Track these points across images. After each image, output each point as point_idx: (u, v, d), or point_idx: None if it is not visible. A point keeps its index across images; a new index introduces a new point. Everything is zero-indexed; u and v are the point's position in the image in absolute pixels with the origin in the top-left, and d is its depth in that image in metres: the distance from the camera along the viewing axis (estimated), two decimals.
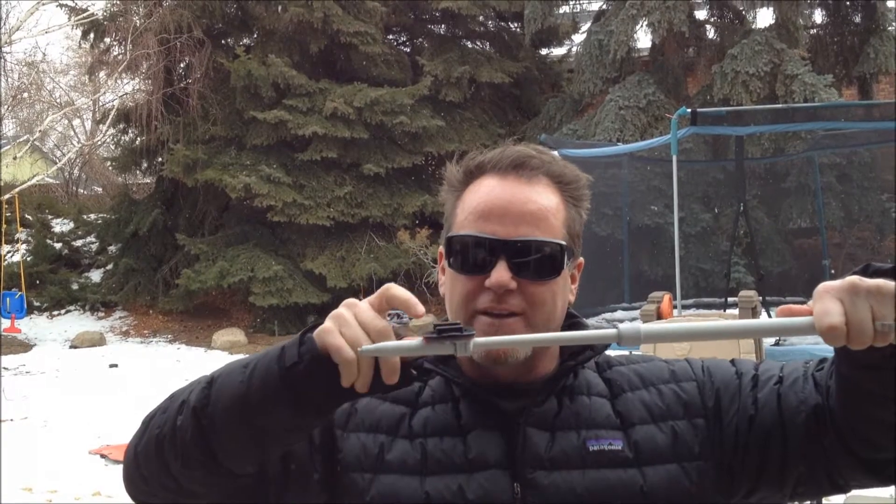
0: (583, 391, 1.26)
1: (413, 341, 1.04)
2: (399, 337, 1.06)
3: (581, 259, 1.31)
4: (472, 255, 1.22)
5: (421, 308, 1.03)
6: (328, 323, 1.05)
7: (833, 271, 11.48)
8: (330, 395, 1.07)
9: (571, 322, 1.33)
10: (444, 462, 1.21)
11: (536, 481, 1.19)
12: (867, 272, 1.00)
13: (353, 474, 1.23)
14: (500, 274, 1.18)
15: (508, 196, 1.23)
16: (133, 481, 1.19)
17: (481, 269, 1.20)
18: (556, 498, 1.18)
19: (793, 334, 1.04)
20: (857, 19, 14.56)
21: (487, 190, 1.25)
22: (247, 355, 1.19)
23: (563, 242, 1.23)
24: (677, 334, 1.04)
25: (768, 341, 7.63)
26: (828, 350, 1.07)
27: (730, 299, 9.53)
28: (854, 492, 3.21)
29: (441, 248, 1.32)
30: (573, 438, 1.21)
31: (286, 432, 1.12)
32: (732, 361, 1.29)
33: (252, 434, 1.10)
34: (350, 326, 1.03)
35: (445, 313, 1.30)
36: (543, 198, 1.24)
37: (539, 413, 1.23)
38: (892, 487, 3.03)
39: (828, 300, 0.95)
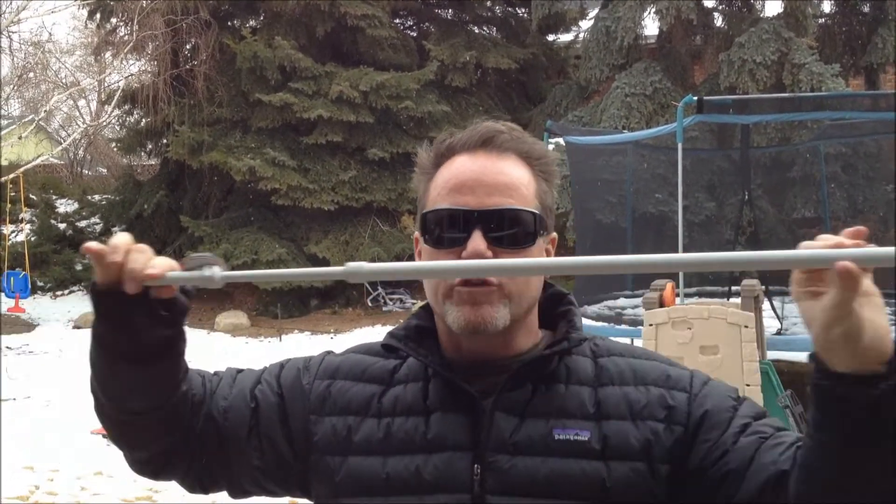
0: (561, 379, 1.25)
1: (173, 272, 1.16)
2: None
3: (554, 234, 1.32)
4: (446, 228, 1.22)
5: (154, 271, 1.15)
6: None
7: None
8: (109, 331, 1.21)
9: (566, 309, 1.33)
10: (406, 442, 1.22)
11: (497, 465, 1.19)
12: None
13: (326, 458, 1.26)
14: (476, 243, 1.18)
15: (479, 169, 1.24)
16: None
17: (457, 241, 1.21)
18: (516, 482, 1.18)
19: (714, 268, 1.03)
20: (866, 9, 14.49)
21: (458, 165, 1.26)
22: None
23: (536, 211, 1.24)
24: (400, 271, 1.09)
25: (770, 330, 7.63)
26: None
27: (733, 288, 9.52)
28: None
29: (416, 234, 1.33)
30: (541, 426, 1.21)
31: (111, 373, 1.25)
32: (738, 398, 1.26)
33: (94, 371, 1.27)
34: (116, 237, 1.21)
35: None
36: (514, 170, 1.25)
37: (511, 398, 1.23)
38: None
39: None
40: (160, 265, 1.14)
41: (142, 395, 1.25)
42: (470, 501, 1.18)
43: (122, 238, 1.19)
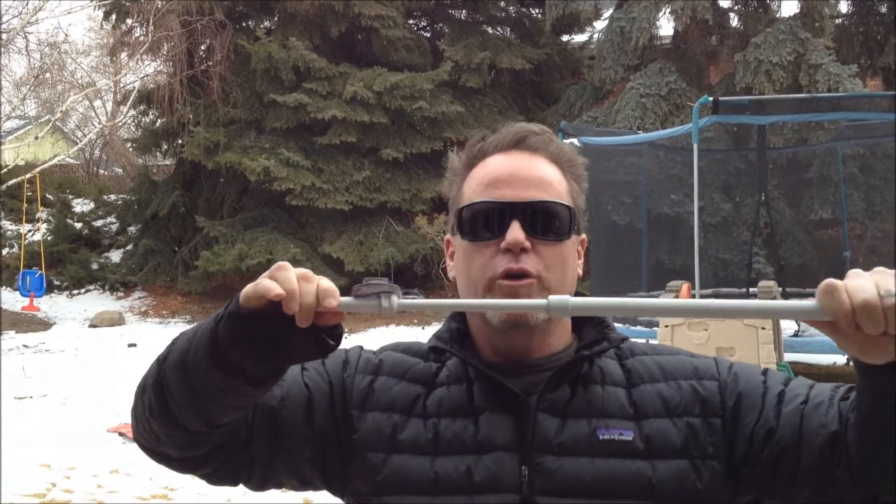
0: (597, 380, 1.26)
1: (345, 298, 1.07)
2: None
3: (584, 236, 1.33)
4: (485, 221, 1.24)
5: (333, 302, 1.05)
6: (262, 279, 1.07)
7: (853, 263, 11.38)
8: (248, 356, 1.09)
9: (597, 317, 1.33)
10: (455, 443, 1.22)
11: (545, 466, 1.19)
12: None
13: (367, 454, 1.25)
14: (515, 233, 1.20)
15: (515, 164, 1.27)
16: (132, 419, 1.27)
17: (495, 233, 1.22)
18: (564, 484, 1.18)
19: (773, 317, 1.05)
20: (883, 10, 14.42)
21: (493, 164, 1.28)
22: None
23: (571, 205, 1.26)
24: (608, 307, 1.06)
25: (787, 332, 7.59)
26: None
27: (750, 289, 9.49)
28: None
29: (448, 236, 1.34)
30: (584, 426, 1.21)
31: (221, 392, 1.12)
32: (763, 371, 1.27)
33: (191, 390, 1.13)
34: (285, 272, 1.05)
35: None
36: (547, 168, 1.28)
37: (551, 399, 1.23)
38: None
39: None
40: (336, 295, 1.05)
41: (240, 411, 1.19)
42: (519, 502, 1.18)
43: (288, 274, 1.05)
